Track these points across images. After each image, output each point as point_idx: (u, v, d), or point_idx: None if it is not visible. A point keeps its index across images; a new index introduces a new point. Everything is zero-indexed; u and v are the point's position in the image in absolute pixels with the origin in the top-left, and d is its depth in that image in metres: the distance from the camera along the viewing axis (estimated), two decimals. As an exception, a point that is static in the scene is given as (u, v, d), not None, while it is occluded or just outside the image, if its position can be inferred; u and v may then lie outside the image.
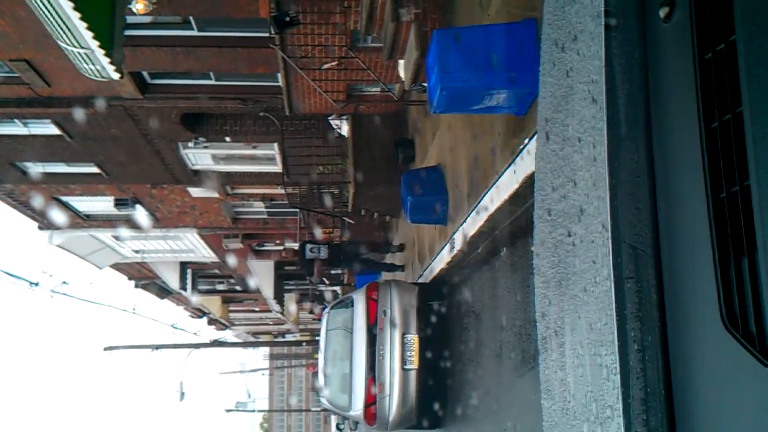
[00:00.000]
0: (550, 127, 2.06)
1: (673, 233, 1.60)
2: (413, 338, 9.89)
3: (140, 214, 19.28)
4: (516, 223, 6.99)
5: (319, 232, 17.66)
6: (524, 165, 6.14)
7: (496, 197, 7.13)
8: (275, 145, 15.22)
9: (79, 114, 12.92)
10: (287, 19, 10.11)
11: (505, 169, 6.67)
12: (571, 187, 1.98)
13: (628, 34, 1.70)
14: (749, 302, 1.40)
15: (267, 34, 10.75)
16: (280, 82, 12.31)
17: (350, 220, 17.13)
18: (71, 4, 7.12)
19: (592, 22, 1.87)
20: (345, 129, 13.81)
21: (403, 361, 9.77)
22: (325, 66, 11.56)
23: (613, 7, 1.72)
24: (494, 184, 7.09)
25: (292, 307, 32.88)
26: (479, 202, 7.77)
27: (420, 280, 11.97)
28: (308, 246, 13.55)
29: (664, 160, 1.63)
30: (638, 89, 1.68)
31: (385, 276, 14.92)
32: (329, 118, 13.92)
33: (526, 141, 6.07)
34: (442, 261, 10.34)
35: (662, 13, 1.59)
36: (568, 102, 1.94)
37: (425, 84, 7.56)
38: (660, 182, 1.63)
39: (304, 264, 13.61)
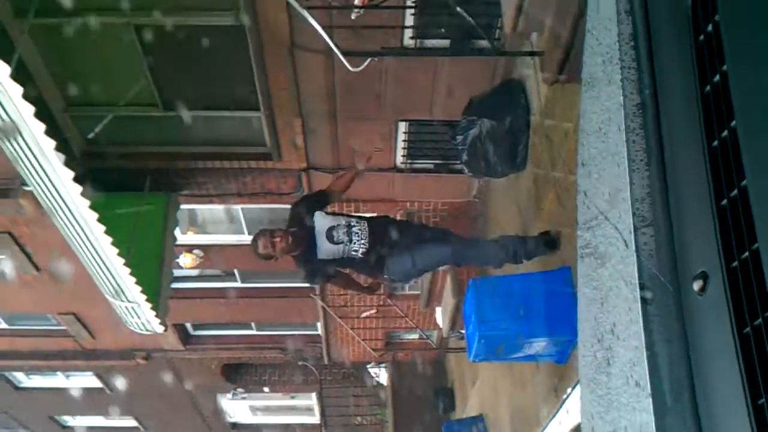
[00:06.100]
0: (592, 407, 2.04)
1: None
2: None
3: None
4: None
5: None
6: (568, 417, 5.95)
7: (542, 450, 6.84)
8: (313, 395, 15.05)
9: (120, 367, 13.04)
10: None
11: (549, 421, 6.47)
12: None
13: (664, 307, 1.72)
14: None
15: (308, 285, 11.03)
16: (320, 331, 12.44)
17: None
18: (122, 261, 7.47)
19: (626, 288, 1.92)
20: (383, 377, 13.68)
21: None
22: (364, 315, 11.72)
23: (647, 280, 1.76)
24: (539, 436, 6.84)
25: None
26: (525, 455, 7.45)
27: None
28: (325, 217, 5.68)
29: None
30: (680, 359, 1.67)
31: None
32: (368, 366, 13.85)
33: (569, 391, 5.93)
34: None
35: (696, 286, 1.61)
36: (609, 385, 1.94)
37: (463, 331, 7.55)
38: None
39: (308, 263, 5.78)
